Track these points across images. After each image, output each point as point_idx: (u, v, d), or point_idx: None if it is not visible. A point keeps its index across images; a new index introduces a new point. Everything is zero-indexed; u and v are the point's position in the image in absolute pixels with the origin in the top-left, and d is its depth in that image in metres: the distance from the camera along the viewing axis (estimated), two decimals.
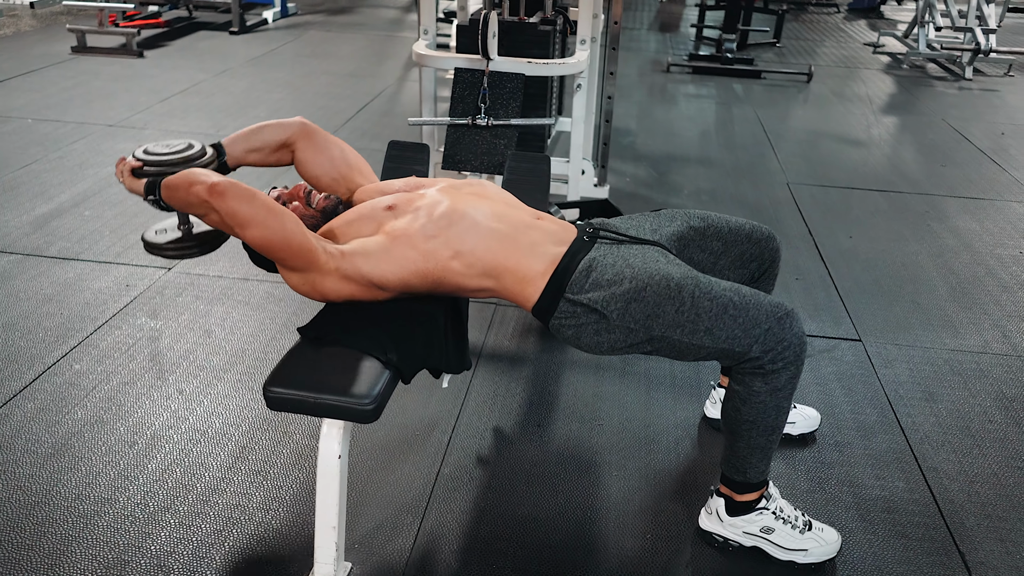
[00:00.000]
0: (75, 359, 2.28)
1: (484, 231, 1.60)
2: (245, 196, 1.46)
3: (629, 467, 1.96)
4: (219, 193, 1.45)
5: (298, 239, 1.50)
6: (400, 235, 1.59)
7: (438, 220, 1.60)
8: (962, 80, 5.98)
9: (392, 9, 8.06)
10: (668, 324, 1.51)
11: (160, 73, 5.25)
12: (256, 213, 1.46)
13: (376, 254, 1.57)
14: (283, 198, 1.73)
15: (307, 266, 1.53)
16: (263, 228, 1.47)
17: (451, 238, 1.58)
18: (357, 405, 1.43)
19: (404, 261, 1.57)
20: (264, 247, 1.50)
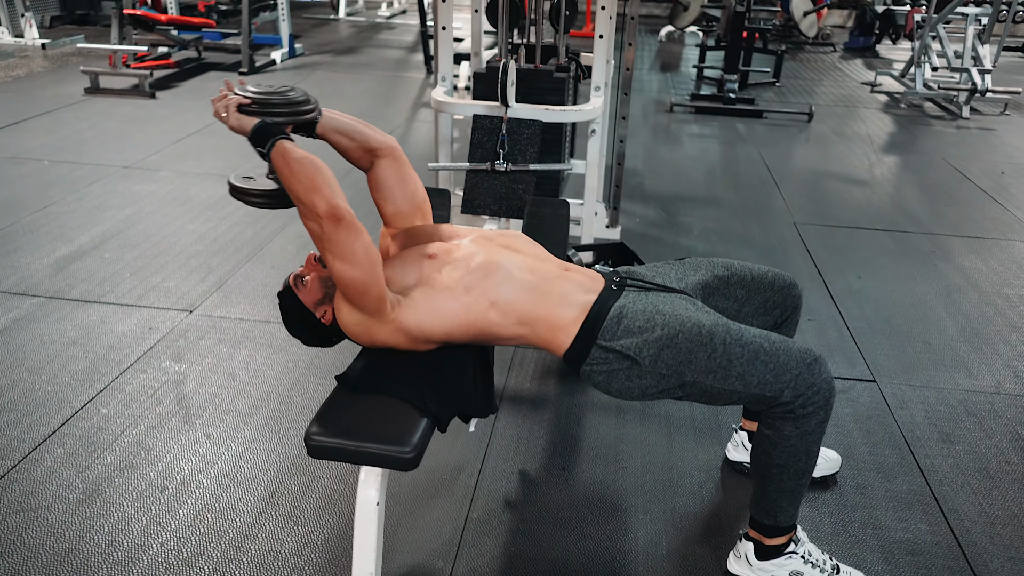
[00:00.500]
0: (102, 403, 2.31)
1: (518, 282, 1.65)
2: (355, 231, 1.50)
3: (654, 510, 1.98)
4: (337, 219, 1.48)
5: (379, 288, 1.56)
6: (444, 287, 1.63)
7: (475, 272, 1.64)
8: (959, 119, 6.10)
9: (397, 49, 8.20)
10: (700, 370, 1.55)
11: (173, 114, 5.33)
12: (356, 252, 1.50)
13: (425, 306, 1.62)
14: (300, 274, 1.75)
15: (373, 313, 1.57)
16: (356, 268, 1.51)
17: (488, 289, 1.63)
18: (398, 453, 1.46)
19: (449, 313, 1.62)
20: (345, 283, 1.54)
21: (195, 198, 3.87)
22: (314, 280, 1.72)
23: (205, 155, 4.52)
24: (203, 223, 3.58)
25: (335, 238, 1.49)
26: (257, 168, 1.74)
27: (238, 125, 1.58)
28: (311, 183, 1.50)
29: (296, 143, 1.57)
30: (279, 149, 1.53)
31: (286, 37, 7.21)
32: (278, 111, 1.61)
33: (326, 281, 1.72)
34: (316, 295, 1.71)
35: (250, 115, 1.59)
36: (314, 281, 1.72)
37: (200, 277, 3.08)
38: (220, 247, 3.35)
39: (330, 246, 1.51)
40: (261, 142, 1.56)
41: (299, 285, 1.71)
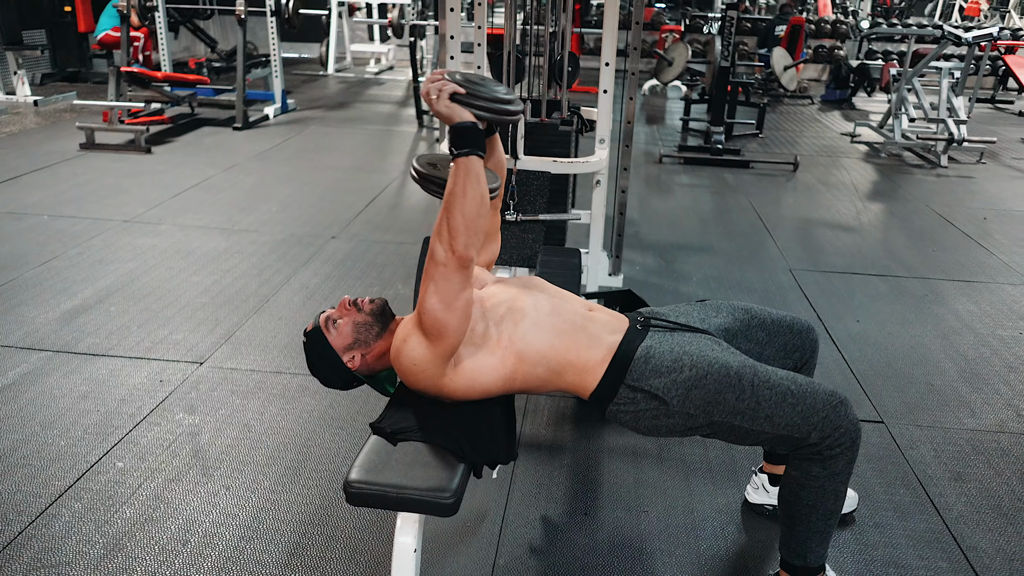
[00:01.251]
0: (117, 456, 2.29)
1: (544, 328, 1.67)
2: (468, 282, 1.53)
3: (679, 554, 1.99)
4: (464, 265, 1.49)
5: (458, 342, 1.58)
6: (480, 343, 1.64)
7: (502, 323, 1.66)
8: (938, 167, 6.29)
9: (387, 104, 8.34)
10: (729, 411, 1.58)
11: (169, 169, 5.37)
12: (459, 300, 1.52)
13: (472, 365, 1.63)
14: (332, 317, 1.77)
15: (435, 359, 1.58)
16: (451, 314, 1.52)
17: (515, 339, 1.65)
18: (439, 499, 1.48)
19: (489, 370, 1.64)
20: (432, 322, 1.54)
21: (197, 251, 3.89)
22: (347, 324, 1.74)
23: (204, 209, 4.55)
24: (207, 276, 3.60)
25: (451, 277, 1.51)
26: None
27: (447, 113, 1.52)
28: (472, 219, 1.49)
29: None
30: (467, 164, 1.49)
31: (279, 93, 7.33)
32: (483, 105, 1.53)
33: (360, 327, 1.74)
34: (347, 340, 1.73)
35: (460, 105, 1.52)
36: (346, 325, 1.74)
37: (208, 329, 3.08)
38: (226, 299, 3.36)
39: (441, 282, 1.51)
40: (460, 142, 1.50)
41: (330, 328, 1.73)
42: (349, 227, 4.35)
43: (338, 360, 1.73)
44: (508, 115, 1.58)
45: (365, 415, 2.54)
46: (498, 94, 1.56)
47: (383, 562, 1.92)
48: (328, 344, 1.73)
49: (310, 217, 4.48)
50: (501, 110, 1.56)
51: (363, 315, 1.76)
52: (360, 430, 2.46)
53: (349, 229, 4.32)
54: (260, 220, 4.39)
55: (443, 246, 1.49)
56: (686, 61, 7.19)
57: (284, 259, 3.82)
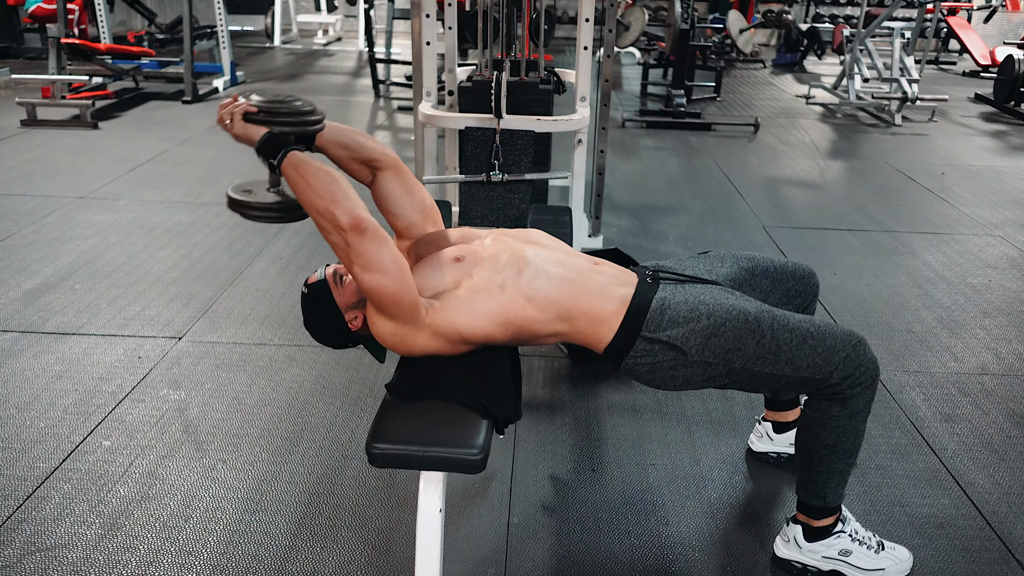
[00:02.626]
0: (103, 435, 2.20)
1: (553, 275, 1.64)
2: (380, 240, 1.48)
3: (689, 505, 1.99)
4: (361, 230, 1.44)
5: (411, 295, 1.53)
6: (479, 288, 1.62)
7: (505, 269, 1.63)
8: (893, 126, 6.41)
9: (339, 75, 8.15)
10: (749, 357, 1.57)
11: (120, 144, 5.15)
12: (384, 261, 1.48)
13: (463, 308, 1.60)
14: (340, 272, 1.72)
15: (408, 320, 1.55)
16: (386, 277, 1.49)
17: (522, 285, 1.62)
18: (466, 456, 1.44)
19: (488, 313, 1.60)
20: (377, 294, 1.51)
21: (160, 226, 3.74)
22: (353, 283, 1.68)
23: (163, 183, 4.38)
24: (175, 250, 3.46)
25: (360, 249, 1.47)
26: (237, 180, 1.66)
27: (244, 134, 1.52)
28: (330, 195, 1.45)
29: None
30: (292, 161, 1.49)
31: (227, 65, 7.08)
32: (284, 120, 1.54)
33: None
34: (352, 298, 1.68)
35: (256, 124, 1.52)
36: (353, 284, 1.68)
37: (182, 304, 2.97)
38: (198, 273, 3.24)
39: (356, 258, 1.48)
40: (271, 153, 1.50)
41: (338, 282, 1.68)
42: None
43: (340, 318, 1.68)
44: (309, 125, 1.56)
45: (358, 384, 2.48)
46: (296, 107, 1.55)
47: (394, 527, 1.88)
48: (332, 299, 1.67)
49: None
50: (301, 122, 1.55)
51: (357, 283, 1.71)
52: (354, 398, 2.40)
53: None
54: (223, 193, 4.22)
55: (333, 235, 1.47)
56: (643, 25, 7.17)
57: (253, 231, 3.70)
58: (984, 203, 4.47)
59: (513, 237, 1.78)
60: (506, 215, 2.70)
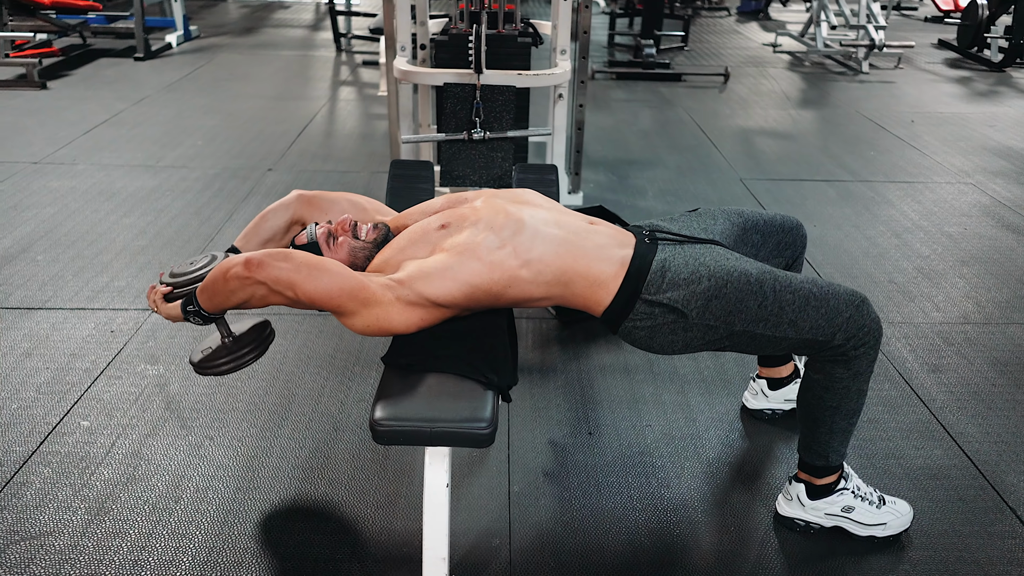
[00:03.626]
0: (80, 415, 2.11)
1: (550, 237, 1.59)
2: (282, 257, 1.46)
3: (688, 466, 1.98)
4: (257, 264, 1.44)
5: (349, 281, 1.48)
6: (464, 249, 1.55)
7: (501, 230, 1.57)
8: (860, 74, 6.40)
9: (297, 28, 7.87)
10: (751, 319, 1.55)
11: (72, 104, 4.91)
12: (299, 270, 1.45)
13: (438, 273, 1.53)
14: (333, 232, 1.65)
15: (365, 303, 1.48)
16: (314, 282, 1.45)
17: (518, 247, 1.56)
18: (475, 430, 1.40)
19: (469, 275, 1.53)
20: (321, 301, 1.47)
21: (122, 191, 3.59)
22: (345, 244, 1.62)
23: (121, 146, 4.19)
24: (139, 217, 3.33)
25: (273, 276, 1.45)
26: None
27: (171, 315, 1.59)
28: (222, 275, 1.47)
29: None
30: (202, 299, 1.52)
31: (180, 19, 6.78)
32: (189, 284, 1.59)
33: (356, 251, 1.63)
34: (346, 259, 1.64)
35: (178, 298, 1.59)
36: (344, 245, 1.62)
37: (153, 273, 2.86)
38: (166, 240, 3.12)
39: (279, 286, 1.45)
40: (195, 315, 1.55)
41: (330, 242, 1.62)
42: (284, 158, 4.10)
43: None
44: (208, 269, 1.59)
45: (343, 353, 2.41)
46: (194, 266, 1.61)
47: (393, 500, 1.84)
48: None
49: (240, 149, 4.19)
50: (200, 275, 1.58)
51: (361, 242, 1.64)
52: (340, 368, 2.34)
53: (285, 160, 4.07)
54: (186, 155, 4.08)
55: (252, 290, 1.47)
56: None
57: (221, 195, 3.57)
58: (954, 150, 4.49)
59: (505, 198, 1.72)
60: (489, 174, 2.62)
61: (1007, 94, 5.88)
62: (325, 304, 1.48)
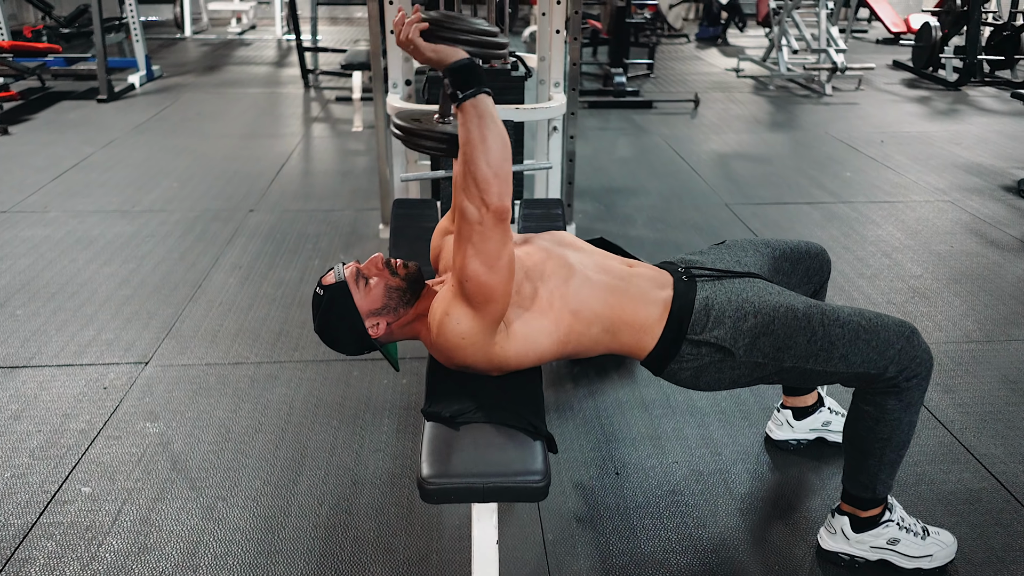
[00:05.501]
0: (80, 481, 1.99)
1: (596, 284, 1.56)
2: (508, 238, 1.38)
3: (720, 503, 1.94)
4: (502, 219, 1.34)
5: (505, 304, 1.43)
6: (530, 305, 1.51)
7: (551, 279, 1.54)
8: (824, 96, 6.54)
9: (261, 65, 7.78)
10: (800, 355, 1.52)
11: (38, 149, 4.76)
12: (502, 259, 1.38)
13: (523, 332, 1.50)
14: (363, 272, 1.58)
15: (486, 328, 1.44)
16: (495, 274, 1.38)
17: (568, 297, 1.53)
18: (530, 483, 1.34)
19: (544, 336, 1.52)
20: (477, 286, 1.38)
21: (100, 238, 3.46)
22: (379, 286, 1.55)
23: (93, 191, 4.05)
24: (120, 265, 3.20)
25: (489, 235, 1.35)
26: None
27: (436, 57, 1.33)
28: (497, 165, 1.32)
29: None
30: (479, 106, 1.32)
31: (142, 59, 6.64)
32: (467, 39, 1.34)
33: (392, 292, 1.56)
34: (375, 303, 1.55)
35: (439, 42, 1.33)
36: (378, 287, 1.55)
37: (142, 324, 2.75)
38: (152, 289, 3.00)
39: (479, 243, 1.35)
40: (463, 83, 1.31)
41: (359, 283, 1.54)
42: (265, 198, 4.00)
43: (360, 324, 1.54)
44: (495, 48, 1.40)
45: (352, 400, 2.33)
46: (480, 26, 1.38)
47: (425, 558, 1.76)
48: (353, 304, 1.53)
49: (219, 191, 4.09)
50: (488, 43, 1.38)
51: (397, 279, 1.57)
52: (351, 416, 2.26)
53: (266, 200, 3.97)
54: (163, 198, 3.96)
55: (473, 204, 1.34)
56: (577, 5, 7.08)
57: (204, 239, 3.47)
58: (926, 169, 4.59)
59: (548, 240, 1.68)
60: None
61: (966, 112, 6.05)
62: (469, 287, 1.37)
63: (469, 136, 1.33)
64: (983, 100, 6.43)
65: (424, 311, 1.56)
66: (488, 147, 1.32)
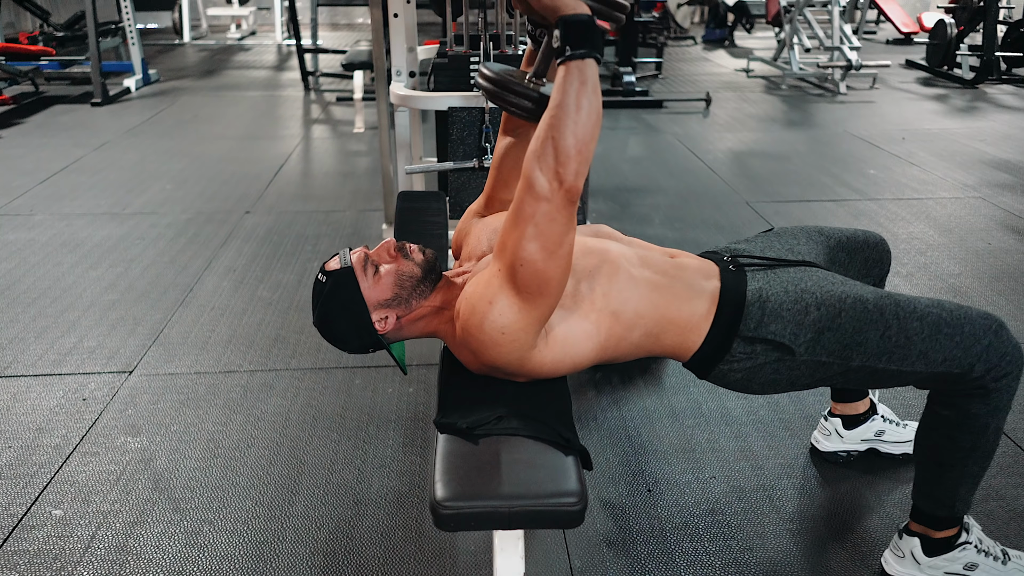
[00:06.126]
0: (52, 503, 1.79)
1: (640, 282, 1.36)
2: (573, 224, 1.18)
3: (767, 522, 1.73)
4: (572, 201, 1.15)
5: (557, 297, 1.23)
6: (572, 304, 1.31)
7: (594, 277, 1.34)
8: (839, 95, 6.35)
9: (260, 70, 7.61)
10: (872, 353, 1.32)
11: (27, 152, 4.57)
12: (564, 245, 1.18)
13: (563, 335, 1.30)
14: (372, 259, 1.38)
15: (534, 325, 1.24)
16: (553, 262, 1.18)
17: (611, 296, 1.33)
18: (563, 506, 1.13)
19: (584, 339, 1.33)
20: (529, 270, 1.18)
21: (87, 241, 3.27)
22: (390, 274, 1.35)
23: (82, 194, 3.86)
24: (108, 269, 3.01)
25: (556, 217, 1.15)
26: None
27: (552, 4, 1.13)
28: (584, 139, 1.13)
29: None
30: (585, 68, 1.12)
31: (138, 63, 6.47)
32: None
33: (404, 280, 1.36)
34: (385, 293, 1.35)
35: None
36: (389, 275, 1.35)
37: (127, 331, 2.55)
38: (140, 294, 2.80)
39: (544, 223, 1.15)
40: (576, 40, 1.12)
41: (367, 271, 1.34)
42: (262, 200, 3.81)
43: (366, 316, 1.34)
44: (619, 10, 1.20)
45: (354, 410, 2.13)
46: None
47: None
48: (359, 293, 1.33)
49: (214, 192, 3.90)
50: (614, 3, 1.19)
51: (411, 265, 1.37)
52: (352, 429, 2.05)
53: (263, 202, 3.78)
54: (155, 200, 3.77)
55: (546, 176, 1.13)
56: None
57: (197, 241, 3.27)
58: (952, 165, 4.39)
59: (586, 233, 1.48)
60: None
61: (987, 109, 5.85)
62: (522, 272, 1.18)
63: (564, 99, 1.12)
64: (1002, 97, 6.24)
65: (441, 304, 1.36)
66: (581, 117, 1.12)
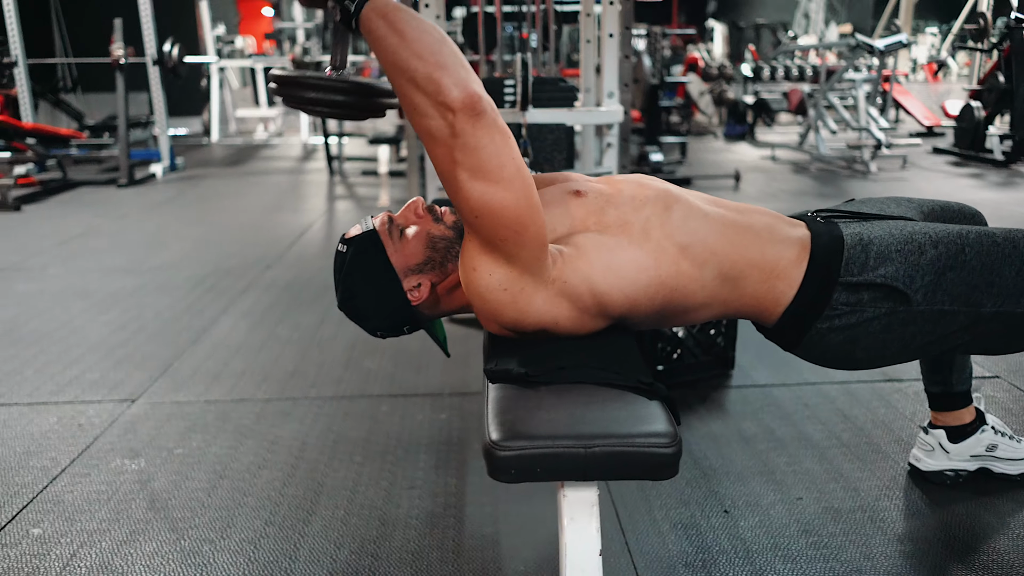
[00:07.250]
0: (30, 521, 1.54)
1: (710, 216, 1.16)
2: (502, 133, 0.98)
3: (873, 544, 1.45)
4: (477, 113, 0.95)
5: (539, 219, 1.03)
6: (618, 231, 1.12)
7: (649, 205, 1.15)
8: (870, 174, 6.26)
9: (285, 160, 7.69)
10: (1009, 293, 1.10)
11: (46, 222, 4.51)
12: (504, 164, 0.98)
13: (601, 254, 1.09)
14: (397, 221, 1.19)
15: (529, 265, 1.03)
16: (505, 189, 0.99)
17: (674, 228, 1.13)
18: (655, 446, 0.89)
19: (634, 267, 1.11)
20: (489, 214, 1.00)
21: (98, 292, 3.11)
22: (420, 236, 1.16)
23: (100, 254, 3.74)
24: (120, 313, 2.83)
25: (473, 142, 0.97)
26: None
27: None
28: (434, 57, 0.96)
29: None
30: (378, 6, 0.98)
31: (166, 150, 6.55)
32: None
33: (436, 242, 1.17)
34: (415, 258, 1.16)
35: None
36: (419, 237, 1.16)
37: (134, 365, 2.34)
38: (152, 334, 2.61)
39: (465, 156, 0.97)
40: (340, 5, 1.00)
41: (393, 234, 1.15)
42: (284, 258, 3.67)
43: (397, 284, 1.14)
44: None
45: (380, 436, 1.88)
46: None
47: None
48: (386, 258, 1.14)
49: (234, 252, 3.77)
50: None
51: (442, 227, 1.18)
52: (379, 452, 1.80)
53: (285, 260, 3.64)
54: (173, 258, 3.64)
55: (433, 116, 0.96)
56: None
57: (215, 291, 3.11)
58: None
59: (627, 181, 1.30)
60: None
61: None
62: (483, 220, 1.01)
63: (383, 44, 0.98)
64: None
65: None
66: (412, 40, 0.96)
